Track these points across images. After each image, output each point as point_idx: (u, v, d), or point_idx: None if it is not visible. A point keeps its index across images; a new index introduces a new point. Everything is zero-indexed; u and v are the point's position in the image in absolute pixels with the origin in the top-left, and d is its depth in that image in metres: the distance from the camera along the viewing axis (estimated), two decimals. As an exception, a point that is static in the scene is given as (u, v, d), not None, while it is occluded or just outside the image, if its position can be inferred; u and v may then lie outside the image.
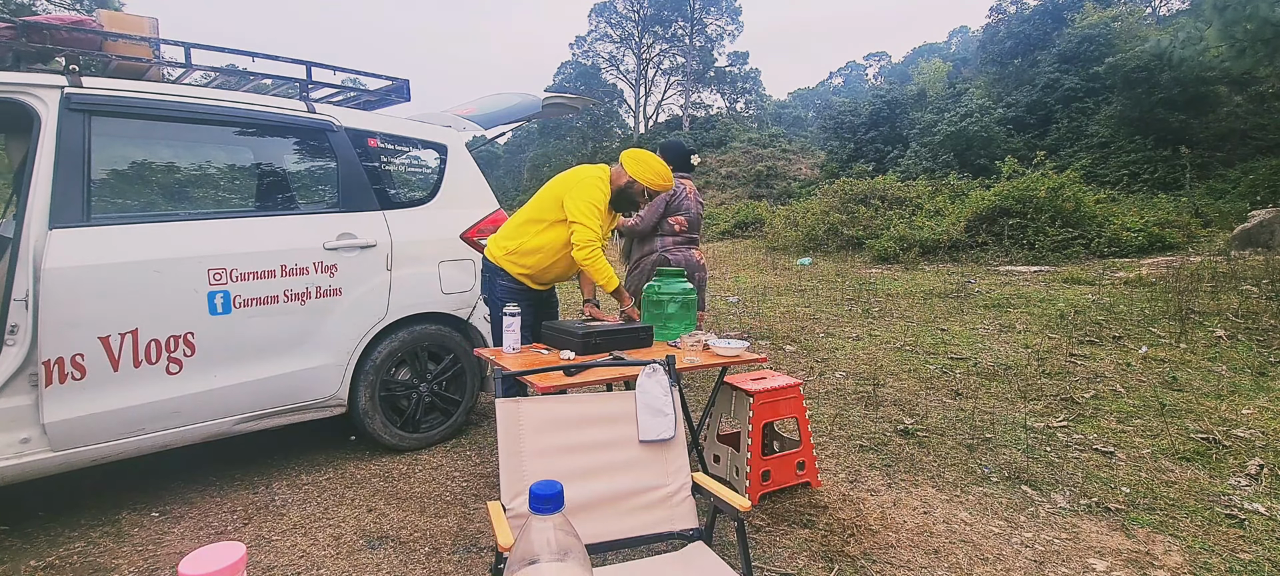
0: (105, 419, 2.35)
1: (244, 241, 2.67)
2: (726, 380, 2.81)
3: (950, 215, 12.89)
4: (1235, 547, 2.33)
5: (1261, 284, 6.47)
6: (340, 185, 3.02)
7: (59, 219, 2.29)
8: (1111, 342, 5.20)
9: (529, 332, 2.71)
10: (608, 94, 45.53)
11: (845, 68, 70.29)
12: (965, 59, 36.26)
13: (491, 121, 3.97)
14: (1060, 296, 7.18)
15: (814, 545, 2.35)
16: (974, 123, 20.85)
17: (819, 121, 39.71)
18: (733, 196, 30.37)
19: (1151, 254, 10.19)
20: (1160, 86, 16.37)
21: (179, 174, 3.64)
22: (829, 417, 3.72)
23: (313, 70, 3.04)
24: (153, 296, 2.43)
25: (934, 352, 5.18)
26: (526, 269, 2.86)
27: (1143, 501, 2.69)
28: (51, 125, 2.33)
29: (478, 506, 2.64)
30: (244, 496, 2.72)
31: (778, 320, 6.66)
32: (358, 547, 2.32)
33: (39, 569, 2.18)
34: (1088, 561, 2.25)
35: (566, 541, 0.82)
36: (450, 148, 3.43)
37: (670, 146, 3.72)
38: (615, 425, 1.80)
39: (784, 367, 4.82)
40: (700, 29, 44.67)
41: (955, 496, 2.74)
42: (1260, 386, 4.04)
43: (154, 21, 2.72)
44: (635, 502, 1.74)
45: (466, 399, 3.36)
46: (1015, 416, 3.71)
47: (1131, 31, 20.35)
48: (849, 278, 9.86)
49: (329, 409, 2.94)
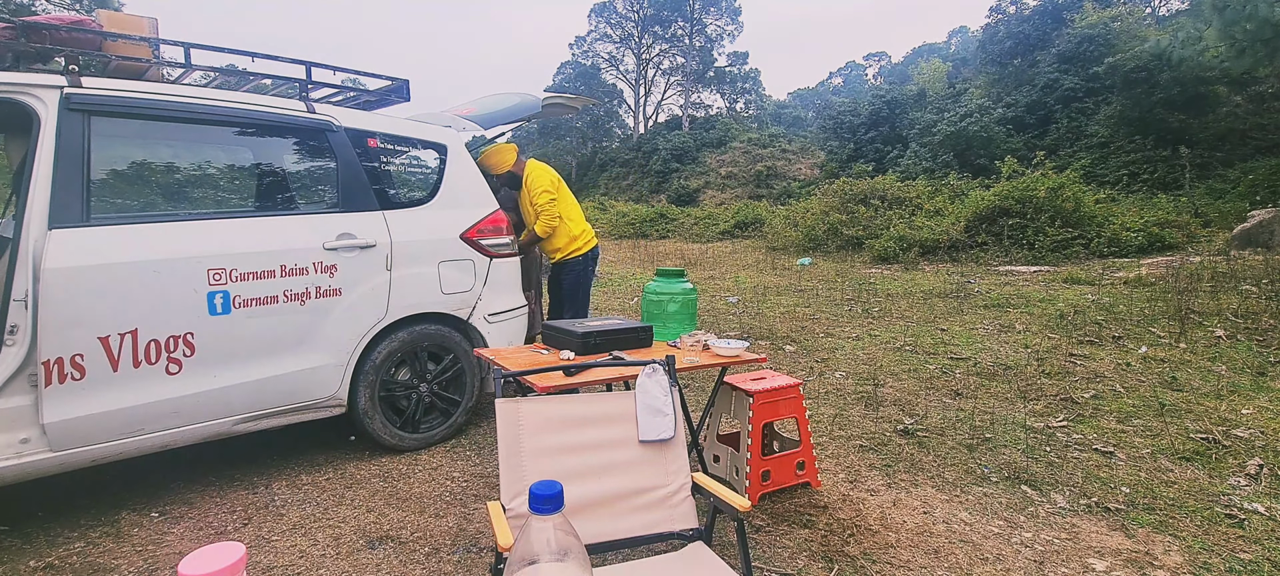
0: (105, 419, 2.35)
1: (244, 241, 2.67)
2: (726, 380, 2.81)
3: (950, 215, 12.90)
4: (1235, 547, 2.33)
5: (1261, 284, 6.47)
6: (340, 185, 3.02)
7: (58, 219, 2.28)
8: (1111, 342, 5.21)
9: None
10: (607, 94, 45.53)
11: (845, 68, 70.35)
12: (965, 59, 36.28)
13: (491, 121, 3.97)
14: (1060, 296, 7.18)
15: (814, 545, 2.35)
16: (974, 123, 20.87)
17: (819, 121, 39.70)
18: (733, 196, 30.38)
19: (1151, 254, 10.20)
20: (1160, 86, 16.38)
21: (179, 174, 3.64)
22: (829, 417, 3.72)
23: (312, 70, 3.03)
24: (152, 296, 2.42)
25: (934, 352, 5.18)
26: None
27: (1143, 501, 2.69)
28: (51, 125, 2.32)
29: (478, 506, 2.64)
30: (244, 496, 2.71)
31: (778, 320, 6.66)
32: (358, 547, 2.32)
33: (39, 569, 2.18)
34: (1087, 561, 2.25)
35: (566, 541, 0.82)
36: (450, 148, 3.43)
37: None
38: (615, 425, 1.80)
39: (784, 367, 4.82)
40: (700, 29, 44.67)
41: (955, 496, 2.74)
42: (1260, 386, 4.04)
43: (153, 21, 2.72)
44: (635, 502, 1.74)
45: (466, 399, 3.35)
46: (1015, 416, 3.71)
47: (1131, 31, 20.37)
48: (849, 278, 9.86)
49: (329, 409, 2.94)
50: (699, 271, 11.36)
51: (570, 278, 4.13)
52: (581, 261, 4.11)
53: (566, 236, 4.05)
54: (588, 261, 4.15)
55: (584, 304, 4.17)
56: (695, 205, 28.93)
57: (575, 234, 4.08)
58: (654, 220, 22.98)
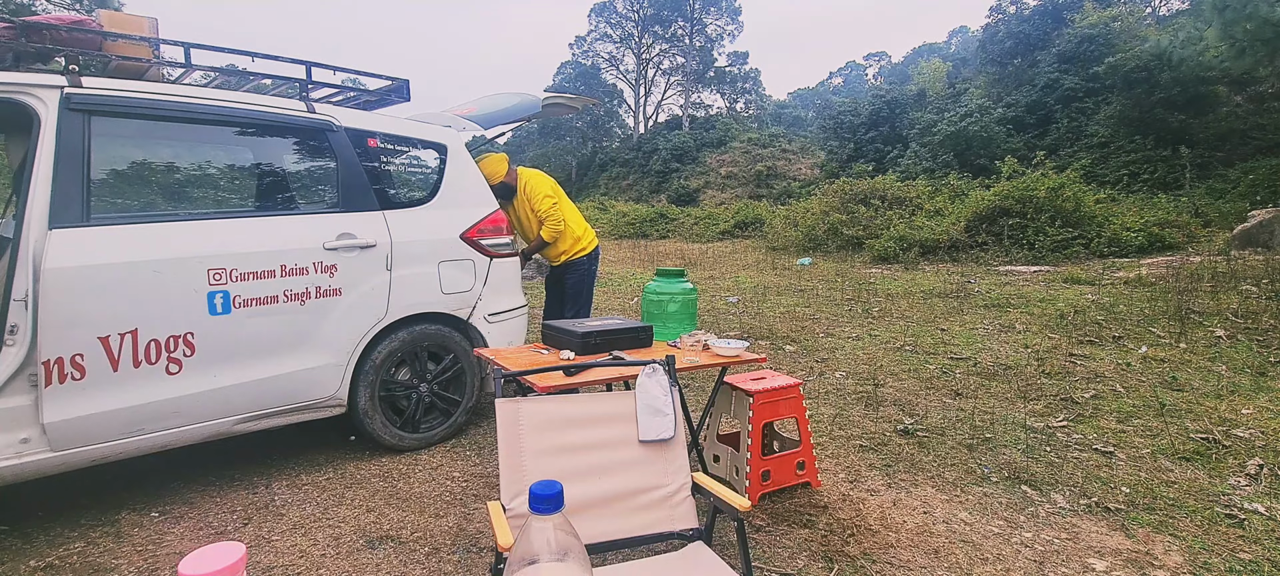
0: (105, 419, 2.35)
1: (244, 241, 2.67)
2: (726, 380, 2.81)
3: (950, 215, 12.89)
4: (1235, 547, 2.33)
5: (1261, 284, 6.47)
6: (340, 185, 3.02)
7: (59, 219, 2.28)
8: (1111, 342, 5.21)
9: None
10: (607, 94, 45.54)
11: (845, 68, 70.41)
12: (965, 59, 36.30)
13: (491, 121, 3.97)
14: (1060, 296, 7.18)
15: (814, 545, 2.35)
16: (974, 123, 20.87)
17: (819, 121, 39.74)
18: (733, 196, 30.40)
19: (1151, 254, 10.19)
20: (1160, 86, 16.38)
21: (179, 174, 3.64)
22: (829, 417, 3.72)
23: (312, 70, 3.03)
24: (152, 296, 2.42)
25: (934, 352, 5.18)
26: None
27: (1143, 501, 2.69)
28: (51, 125, 2.32)
29: (478, 506, 2.64)
30: (244, 496, 2.71)
31: (778, 320, 6.66)
32: (358, 547, 2.32)
33: (39, 569, 2.18)
34: (1087, 561, 2.25)
35: (566, 541, 0.82)
36: (450, 148, 3.43)
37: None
38: (615, 425, 1.80)
39: (784, 367, 4.82)
40: (700, 29, 44.68)
41: (955, 496, 2.74)
42: (1260, 386, 4.04)
43: (154, 21, 2.72)
44: (635, 502, 1.74)
45: (466, 399, 3.35)
46: (1015, 416, 3.71)
47: (1131, 31, 20.38)
48: (849, 278, 9.86)
49: (329, 409, 2.94)
50: (699, 271, 11.37)
51: (573, 278, 4.16)
52: (585, 262, 4.15)
53: (570, 238, 4.09)
54: (590, 262, 4.18)
55: (587, 304, 4.19)
56: (695, 205, 28.95)
57: (578, 235, 4.12)
58: (654, 220, 22.99)
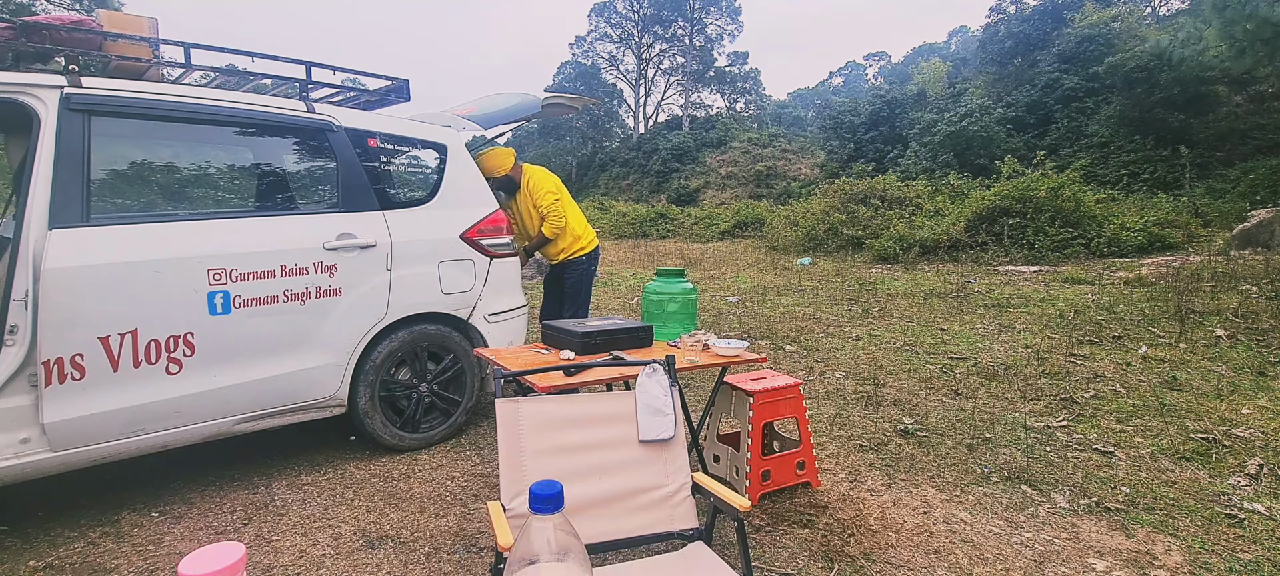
0: (105, 419, 2.35)
1: (244, 241, 2.67)
2: (726, 380, 2.81)
3: (950, 215, 12.90)
4: (1235, 547, 2.33)
5: (1261, 284, 6.47)
6: (340, 185, 3.01)
7: (59, 219, 2.28)
8: (1111, 342, 5.21)
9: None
10: (607, 94, 45.54)
11: (845, 67, 70.36)
12: (965, 59, 36.27)
13: (491, 121, 3.97)
14: (1060, 296, 7.18)
15: (814, 545, 2.35)
16: (974, 123, 20.87)
17: (819, 121, 39.73)
18: (733, 196, 30.39)
19: (1151, 254, 10.20)
20: (1160, 86, 16.38)
21: (179, 174, 3.64)
22: (829, 417, 3.72)
23: (312, 70, 3.03)
24: (152, 296, 2.42)
25: (934, 352, 5.17)
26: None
27: (1143, 501, 2.69)
28: (51, 125, 2.32)
29: (478, 506, 2.64)
30: (244, 496, 2.71)
31: (778, 320, 6.66)
32: (357, 547, 2.32)
33: (39, 569, 2.18)
34: (1088, 561, 2.25)
35: (566, 541, 0.82)
36: (450, 148, 3.43)
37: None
38: (615, 425, 1.80)
39: (784, 367, 4.82)
40: (700, 29, 44.67)
41: (955, 496, 2.74)
42: (1260, 386, 4.04)
43: (153, 21, 2.72)
44: (635, 502, 1.74)
45: (466, 399, 3.35)
46: (1015, 416, 3.71)
47: (1131, 31, 20.38)
48: (849, 278, 9.86)
49: (329, 409, 2.94)
50: (699, 271, 11.36)
51: (573, 277, 4.16)
52: (584, 261, 4.15)
53: (570, 236, 4.09)
54: (590, 262, 4.18)
55: (585, 304, 4.20)
56: (695, 205, 28.95)
57: (578, 234, 4.12)
58: (654, 220, 23.00)
